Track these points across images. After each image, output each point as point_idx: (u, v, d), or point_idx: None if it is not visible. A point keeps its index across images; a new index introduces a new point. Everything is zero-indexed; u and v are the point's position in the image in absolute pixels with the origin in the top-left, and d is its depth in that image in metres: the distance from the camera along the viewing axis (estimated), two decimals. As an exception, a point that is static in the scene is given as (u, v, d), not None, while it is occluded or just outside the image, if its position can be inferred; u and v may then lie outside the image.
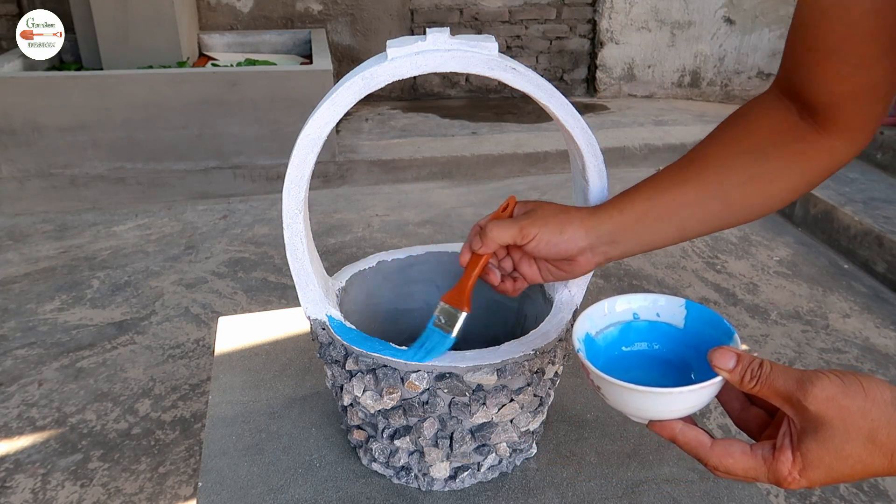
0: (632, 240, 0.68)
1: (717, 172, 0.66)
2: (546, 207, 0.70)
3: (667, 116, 4.36)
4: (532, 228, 0.67)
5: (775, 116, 0.66)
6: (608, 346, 0.62)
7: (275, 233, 3.03)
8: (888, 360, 2.17)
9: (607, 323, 0.62)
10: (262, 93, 3.37)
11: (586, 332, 0.60)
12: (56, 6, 3.53)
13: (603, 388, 0.55)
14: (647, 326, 0.62)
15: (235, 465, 0.82)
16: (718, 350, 0.51)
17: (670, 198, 0.67)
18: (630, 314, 0.62)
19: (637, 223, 0.67)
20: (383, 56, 0.67)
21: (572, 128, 0.72)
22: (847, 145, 0.64)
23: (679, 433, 0.53)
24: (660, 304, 0.62)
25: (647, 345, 0.62)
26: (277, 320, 1.11)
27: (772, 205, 0.68)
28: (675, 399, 0.53)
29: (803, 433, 0.47)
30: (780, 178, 0.66)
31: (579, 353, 0.57)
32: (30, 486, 1.69)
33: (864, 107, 0.61)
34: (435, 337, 0.72)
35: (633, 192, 0.68)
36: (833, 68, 0.59)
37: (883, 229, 2.66)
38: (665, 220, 0.67)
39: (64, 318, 2.40)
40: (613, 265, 2.75)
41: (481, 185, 3.57)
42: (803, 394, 0.47)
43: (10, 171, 3.27)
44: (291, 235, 0.73)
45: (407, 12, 4.55)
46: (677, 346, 0.61)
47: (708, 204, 0.67)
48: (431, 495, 0.78)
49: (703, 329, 0.59)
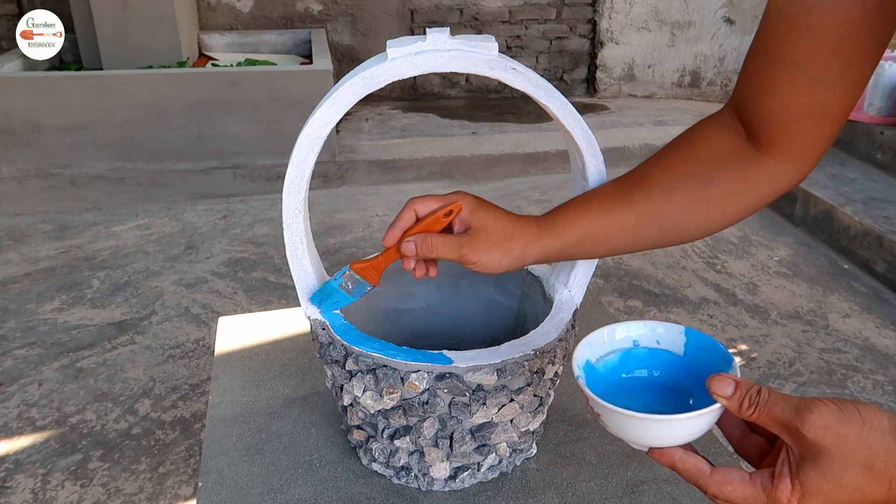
0: (564, 257, 0.71)
1: (660, 198, 0.66)
2: (489, 231, 0.68)
3: (667, 116, 4.36)
4: (473, 256, 0.67)
5: (723, 138, 0.66)
6: (608, 373, 0.62)
7: (275, 233, 3.03)
8: (888, 360, 2.17)
9: (608, 350, 0.62)
10: (262, 93, 3.37)
11: (586, 360, 0.60)
12: (56, 6, 3.53)
13: (603, 414, 0.55)
14: (647, 353, 0.62)
15: (235, 465, 0.82)
16: (717, 377, 0.51)
17: (612, 222, 0.67)
18: (630, 341, 0.63)
19: (576, 246, 0.69)
20: (383, 56, 0.67)
21: (572, 128, 0.72)
22: (791, 170, 0.64)
23: (679, 461, 0.53)
24: (658, 331, 0.62)
25: (647, 372, 0.62)
26: (277, 320, 1.11)
27: (707, 230, 0.68)
28: (674, 426, 0.53)
29: (801, 461, 0.47)
30: (721, 203, 0.66)
31: (579, 379, 0.57)
32: (30, 486, 1.69)
33: (813, 128, 0.61)
34: (337, 296, 0.75)
35: (575, 213, 0.69)
36: (791, 80, 0.59)
37: (883, 229, 2.66)
38: (602, 243, 0.69)
39: (64, 318, 2.40)
40: (613, 265, 2.75)
41: (481, 185, 3.57)
42: (801, 421, 0.47)
43: (10, 171, 3.27)
44: (291, 235, 0.74)
45: (407, 12, 4.55)
46: (677, 373, 0.61)
47: (646, 229, 0.67)
48: (431, 495, 0.78)
49: (703, 356, 0.59)
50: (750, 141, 0.64)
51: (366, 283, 0.74)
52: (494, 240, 0.68)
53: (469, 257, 0.67)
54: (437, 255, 0.68)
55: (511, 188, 3.54)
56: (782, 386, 2.04)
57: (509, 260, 0.68)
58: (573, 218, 0.68)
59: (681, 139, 0.69)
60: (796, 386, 2.04)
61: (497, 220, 0.69)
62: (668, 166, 0.67)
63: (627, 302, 2.50)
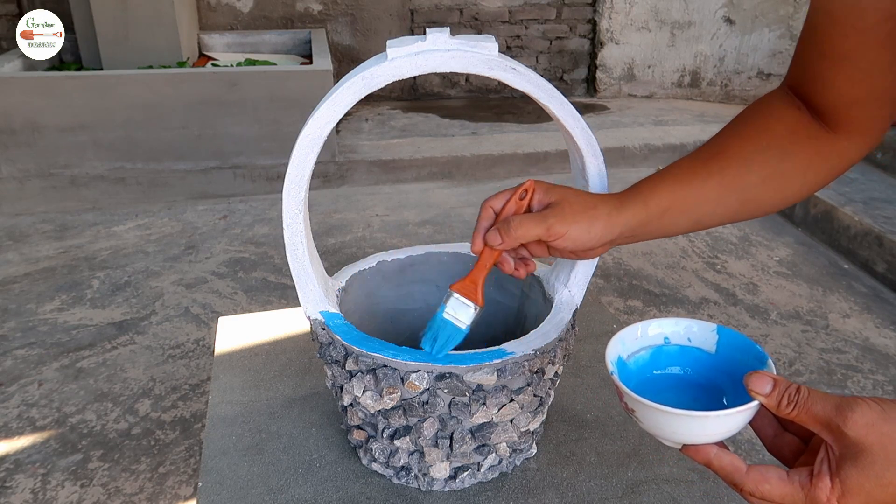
0: (650, 232, 0.68)
1: (739, 169, 0.66)
2: (572, 201, 0.66)
3: (667, 116, 4.36)
4: (560, 227, 0.65)
5: (792, 114, 0.66)
6: (639, 370, 0.62)
7: (275, 233, 3.03)
8: (888, 360, 2.17)
9: (639, 346, 0.62)
10: (262, 93, 3.37)
11: (618, 356, 0.60)
12: (56, 6, 3.53)
13: (637, 410, 0.55)
14: (678, 351, 0.62)
15: (235, 465, 0.82)
16: (755, 374, 0.51)
17: (694, 193, 0.67)
18: (661, 338, 0.63)
19: (660, 218, 0.67)
20: (383, 56, 0.67)
21: (572, 128, 0.72)
22: (856, 146, 0.65)
23: (714, 458, 0.52)
24: (692, 329, 0.62)
25: (679, 369, 0.62)
26: (277, 320, 1.11)
27: (783, 203, 0.68)
28: (712, 423, 0.53)
29: (842, 459, 0.47)
30: (797, 176, 0.66)
31: (613, 375, 0.57)
32: (30, 486, 1.69)
33: (873, 110, 0.62)
34: (448, 329, 0.71)
35: (656, 184, 0.67)
36: (844, 74, 0.60)
37: (883, 229, 2.66)
38: (686, 214, 0.67)
39: (64, 318, 2.40)
40: (613, 265, 2.75)
41: (481, 185, 3.57)
42: (843, 419, 0.46)
43: (10, 171, 3.27)
44: (291, 235, 0.74)
45: (407, 12, 4.55)
46: (709, 371, 0.61)
47: (727, 200, 0.67)
48: (431, 495, 0.78)
49: (735, 354, 0.59)
50: (815, 119, 0.65)
51: (472, 304, 0.70)
52: (578, 209, 0.65)
53: (556, 228, 0.65)
54: (522, 233, 0.65)
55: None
56: (782, 386, 2.04)
57: (597, 230, 0.65)
58: (655, 189, 0.67)
59: (749, 114, 0.69)
60: (796, 386, 2.04)
61: (576, 193, 0.67)
62: (743, 141, 0.67)
63: (627, 302, 2.50)
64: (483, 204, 0.69)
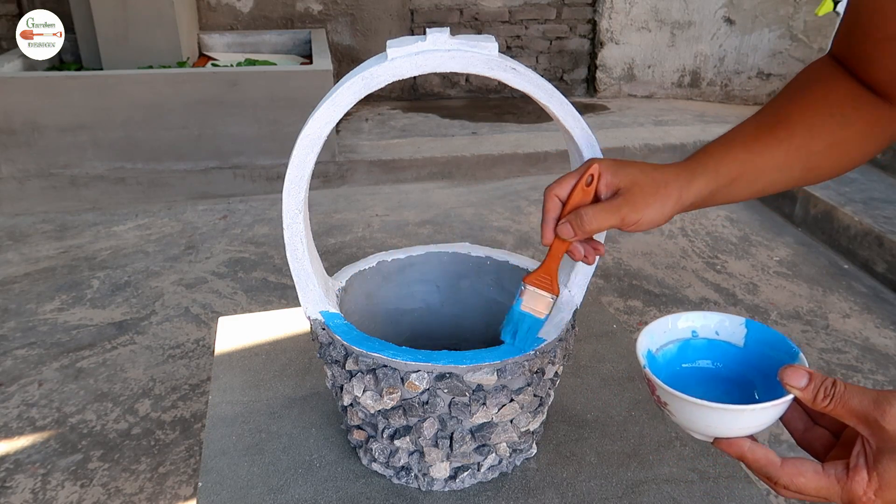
0: (716, 200, 0.66)
1: (804, 137, 0.65)
2: (642, 184, 0.63)
3: (667, 116, 4.36)
4: (634, 215, 0.63)
5: (847, 83, 0.66)
6: (667, 363, 0.62)
7: (275, 233, 3.03)
8: (888, 360, 2.17)
9: (667, 340, 0.62)
10: (262, 93, 3.37)
11: (648, 349, 0.60)
12: (56, 6, 3.53)
13: (671, 404, 0.55)
14: (706, 344, 0.62)
15: (235, 465, 0.82)
16: (790, 368, 0.51)
17: (762, 161, 0.65)
18: (689, 332, 0.63)
19: (728, 186, 0.65)
20: (383, 56, 0.67)
21: (572, 128, 0.72)
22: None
23: (748, 451, 0.53)
24: (722, 323, 0.62)
25: (708, 362, 0.62)
26: (277, 320, 1.11)
27: (841, 170, 0.68)
28: (746, 417, 0.53)
29: (880, 453, 0.47)
30: (858, 143, 0.66)
31: (645, 368, 0.57)
32: (30, 486, 1.69)
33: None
34: (527, 320, 0.71)
35: (725, 152, 0.66)
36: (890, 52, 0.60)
37: (883, 229, 2.66)
38: (753, 182, 0.66)
39: (64, 318, 2.40)
40: (613, 265, 2.75)
41: (481, 185, 3.57)
42: (881, 413, 0.46)
43: (10, 171, 3.27)
44: (291, 235, 0.73)
45: (407, 12, 4.55)
46: (737, 365, 0.61)
47: (791, 167, 0.66)
48: (431, 495, 0.78)
49: (765, 349, 0.59)
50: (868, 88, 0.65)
51: (549, 294, 0.70)
52: (650, 191, 0.63)
53: (630, 217, 0.63)
54: (596, 226, 0.64)
55: (511, 188, 3.54)
56: (782, 386, 2.04)
57: (669, 208, 0.63)
58: (724, 158, 0.66)
59: (805, 81, 0.68)
60: (796, 386, 2.04)
61: (644, 172, 0.64)
62: (806, 106, 0.67)
63: (627, 302, 2.50)
64: (547, 192, 0.67)
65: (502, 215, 3.22)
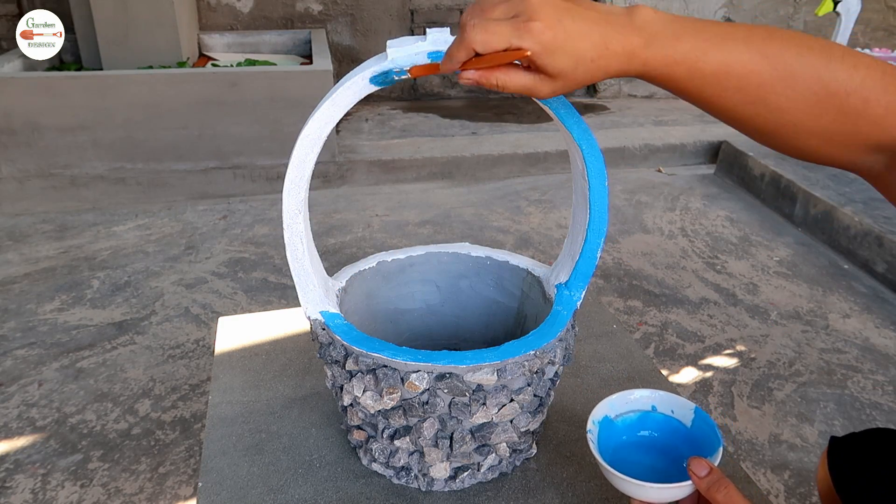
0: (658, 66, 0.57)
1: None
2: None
3: (667, 116, 4.36)
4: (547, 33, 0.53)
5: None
6: (626, 428, 0.72)
7: (275, 233, 3.03)
8: (888, 360, 2.17)
9: (628, 409, 0.73)
10: (262, 93, 3.37)
11: (605, 416, 0.71)
12: (56, 6, 3.53)
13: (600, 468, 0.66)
14: (663, 419, 0.73)
15: (235, 465, 0.82)
16: (695, 459, 0.62)
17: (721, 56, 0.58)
18: (649, 405, 0.73)
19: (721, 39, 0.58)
20: (383, 56, 0.67)
21: (572, 128, 0.72)
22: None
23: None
24: (674, 402, 0.73)
25: (659, 434, 0.73)
26: (277, 320, 1.11)
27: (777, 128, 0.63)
28: (650, 492, 0.63)
29: None
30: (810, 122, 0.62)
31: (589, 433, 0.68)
32: (30, 487, 1.69)
33: None
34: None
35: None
36: None
37: (883, 229, 2.66)
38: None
39: (64, 318, 2.40)
40: (613, 265, 2.75)
41: (481, 185, 3.57)
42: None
43: (10, 171, 3.27)
44: (291, 235, 0.74)
45: (407, 12, 4.55)
46: (681, 441, 0.72)
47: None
48: (431, 495, 0.78)
49: (706, 431, 0.70)
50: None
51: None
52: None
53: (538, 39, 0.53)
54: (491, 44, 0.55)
55: (511, 188, 3.54)
56: (782, 386, 2.04)
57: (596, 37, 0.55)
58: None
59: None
60: (796, 386, 2.04)
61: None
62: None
63: (627, 302, 2.50)
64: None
65: (502, 215, 3.22)
